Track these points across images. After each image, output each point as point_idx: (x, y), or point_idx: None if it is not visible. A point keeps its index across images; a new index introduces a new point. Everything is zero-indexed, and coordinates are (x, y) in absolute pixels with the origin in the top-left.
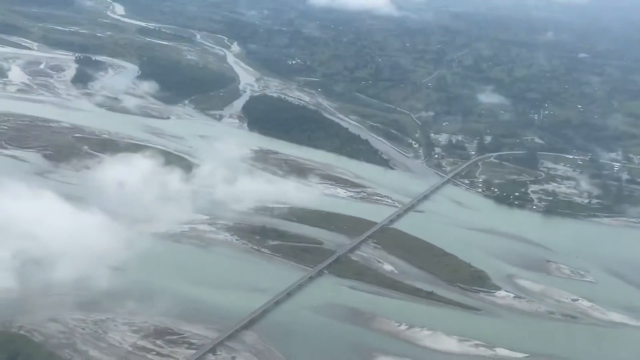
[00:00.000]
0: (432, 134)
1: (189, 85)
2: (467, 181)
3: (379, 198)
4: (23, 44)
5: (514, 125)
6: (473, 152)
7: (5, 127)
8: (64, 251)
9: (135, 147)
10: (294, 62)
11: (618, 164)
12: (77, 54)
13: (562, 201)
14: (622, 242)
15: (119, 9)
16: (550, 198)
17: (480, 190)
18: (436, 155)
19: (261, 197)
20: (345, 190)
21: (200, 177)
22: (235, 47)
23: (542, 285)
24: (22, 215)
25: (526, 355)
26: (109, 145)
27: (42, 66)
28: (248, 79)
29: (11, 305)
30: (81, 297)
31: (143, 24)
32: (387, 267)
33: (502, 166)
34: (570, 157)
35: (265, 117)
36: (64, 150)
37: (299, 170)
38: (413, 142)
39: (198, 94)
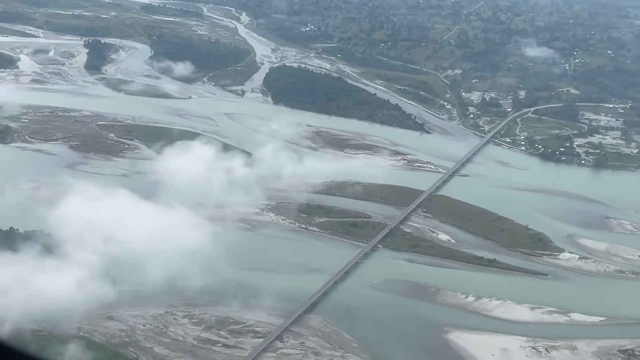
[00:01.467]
0: (463, 93)
1: (205, 61)
2: (508, 140)
3: (420, 164)
4: (27, 31)
5: (546, 77)
6: (509, 109)
7: (26, 120)
8: (107, 240)
9: (162, 131)
10: (307, 28)
11: None
12: (85, 38)
13: (610, 153)
14: None
15: None
16: (597, 151)
17: (523, 148)
18: (471, 115)
19: (298, 172)
20: (384, 159)
21: (233, 156)
22: (245, 18)
23: (606, 244)
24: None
25: (603, 318)
26: (135, 131)
27: (51, 53)
28: (263, 50)
29: (61, 302)
30: (134, 291)
31: (146, 0)
32: (443, 236)
33: (542, 121)
34: (610, 106)
35: (288, 89)
36: (89, 140)
37: (332, 142)
38: (445, 103)
39: (216, 70)
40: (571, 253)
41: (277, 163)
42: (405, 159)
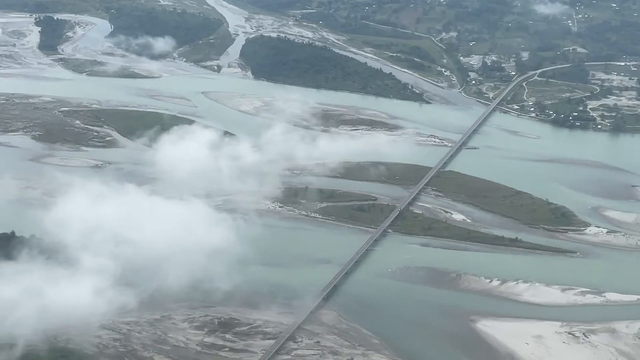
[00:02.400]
0: (462, 58)
1: (173, 35)
2: (515, 106)
3: (423, 138)
4: None
5: (549, 35)
6: (513, 73)
7: None
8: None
9: (133, 115)
10: None
11: None
12: (35, 15)
13: (627, 115)
14: None
15: None
16: (613, 114)
17: (533, 114)
18: (473, 82)
19: (292, 154)
20: (384, 134)
21: (216, 139)
22: None
23: (634, 214)
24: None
25: None
26: (104, 117)
27: None
28: (236, 20)
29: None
30: (125, 295)
31: None
32: (457, 216)
33: (550, 84)
34: (621, 64)
35: (269, 61)
36: (54, 128)
37: (324, 118)
38: (443, 70)
39: (186, 45)
40: (598, 227)
41: (266, 145)
42: (406, 133)
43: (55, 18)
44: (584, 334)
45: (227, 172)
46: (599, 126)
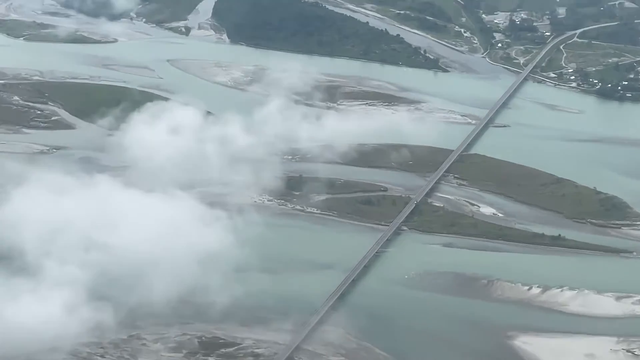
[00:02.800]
0: (484, 15)
1: None
2: (552, 75)
3: (442, 115)
4: None
5: None
6: (548, 33)
7: None
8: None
9: (84, 89)
10: None
11: None
12: None
13: None
14: None
15: None
16: None
17: (574, 84)
18: (499, 45)
19: (277, 135)
20: (392, 110)
21: (187, 118)
22: None
23: None
24: None
25: None
26: (48, 91)
27: None
28: None
29: None
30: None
31: None
32: (486, 209)
33: (593, 47)
34: None
35: (249, 22)
36: None
37: (319, 91)
38: (462, 30)
39: (146, 2)
40: None
41: (249, 124)
42: (420, 108)
43: None
44: None
45: (199, 158)
46: None
